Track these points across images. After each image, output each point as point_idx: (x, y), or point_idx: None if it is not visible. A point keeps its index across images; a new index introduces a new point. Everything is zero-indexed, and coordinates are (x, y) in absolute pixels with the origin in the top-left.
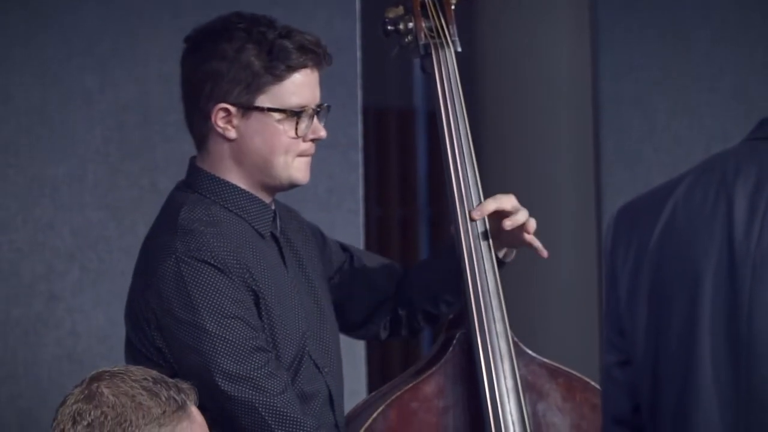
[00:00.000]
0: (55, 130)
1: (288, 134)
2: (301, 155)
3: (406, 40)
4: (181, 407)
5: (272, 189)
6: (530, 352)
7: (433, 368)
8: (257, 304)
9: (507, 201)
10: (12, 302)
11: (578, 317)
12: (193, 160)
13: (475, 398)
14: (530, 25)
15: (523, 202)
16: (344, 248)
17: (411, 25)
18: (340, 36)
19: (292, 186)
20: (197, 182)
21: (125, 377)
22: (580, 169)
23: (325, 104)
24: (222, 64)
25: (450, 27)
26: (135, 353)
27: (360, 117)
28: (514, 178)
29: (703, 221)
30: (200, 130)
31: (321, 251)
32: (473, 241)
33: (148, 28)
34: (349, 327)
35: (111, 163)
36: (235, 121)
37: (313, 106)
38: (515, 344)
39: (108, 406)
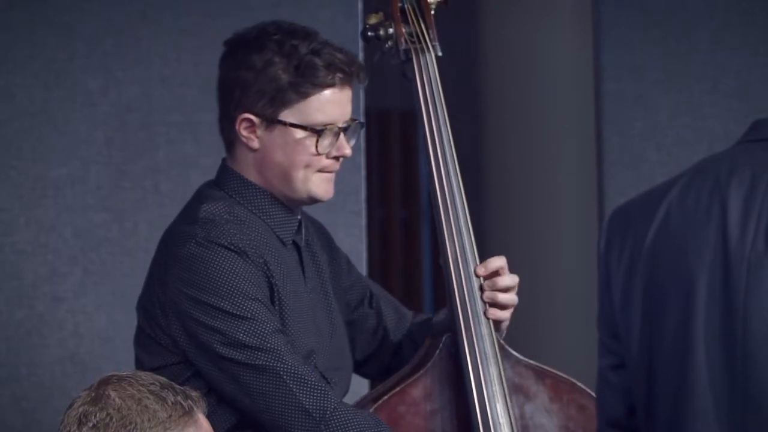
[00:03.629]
0: (58, 132)
1: (309, 150)
2: (321, 171)
3: (387, 45)
4: (188, 413)
5: (293, 201)
6: (516, 354)
7: (420, 372)
8: (271, 296)
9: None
10: (14, 304)
11: (580, 318)
12: (224, 160)
13: (462, 401)
14: (532, 25)
15: (525, 202)
16: (366, 286)
17: (391, 30)
18: (342, 37)
19: (313, 201)
20: (225, 181)
21: (133, 381)
22: (582, 168)
23: (357, 120)
24: (249, 74)
25: (430, 32)
26: (145, 340)
27: (362, 118)
28: (516, 179)
29: (697, 224)
30: (228, 134)
31: (342, 276)
32: (458, 245)
33: (151, 29)
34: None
35: (113, 164)
36: (259, 132)
37: (340, 124)
38: (501, 347)
39: (113, 409)
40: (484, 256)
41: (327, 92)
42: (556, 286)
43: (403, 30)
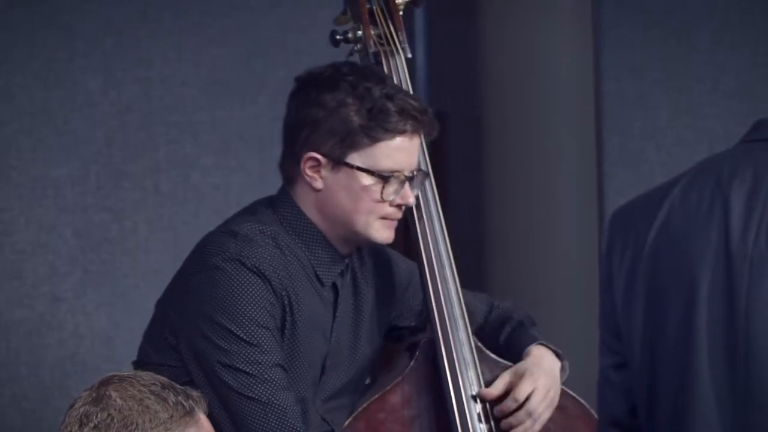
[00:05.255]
0: (58, 132)
1: (373, 196)
2: (384, 218)
3: (356, 48)
4: (189, 413)
5: (350, 242)
6: (494, 356)
7: (399, 378)
8: (282, 330)
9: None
10: (15, 303)
11: (580, 318)
12: (285, 185)
13: (441, 405)
14: (532, 25)
15: (525, 202)
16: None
17: (360, 33)
18: None
19: (372, 245)
20: (282, 207)
21: (134, 381)
22: (582, 169)
23: (422, 170)
24: (321, 112)
25: (399, 33)
26: (155, 336)
27: None
28: (516, 179)
29: (699, 223)
30: (290, 172)
31: (399, 297)
32: (433, 249)
33: (151, 29)
34: None
35: (113, 164)
36: (324, 172)
37: (406, 172)
38: (479, 350)
39: (115, 409)
40: (485, 256)
41: (397, 139)
42: (556, 285)
43: (372, 32)
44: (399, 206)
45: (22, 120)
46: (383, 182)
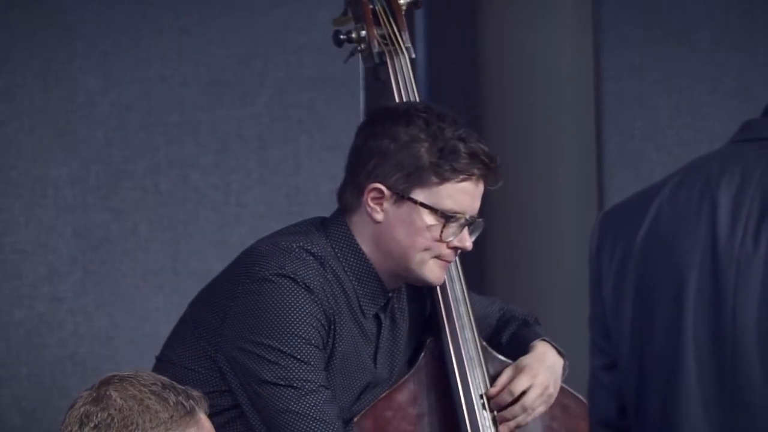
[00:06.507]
0: (58, 131)
1: (433, 235)
2: (438, 258)
3: (359, 48)
4: (190, 413)
5: (399, 278)
6: (500, 356)
7: (406, 376)
8: (324, 351)
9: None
10: (14, 303)
11: (579, 318)
12: (343, 212)
13: (447, 404)
14: (532, 25)
15: (525, 202)
16: None
17: (363, 33)
18: None
19: (422, 284)
20: (335, 233)
21: (134, 381)
22: (582, 169)
23: (480, 219)
24: (392, 145)
25: (402, 33)
26: (187, 335)
27: (362, 118)
28: (515, 179)
29: (688, 222)
30: (350, 200)
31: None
32: None
33: (150, 29)
34: None
35: (113, 164)
36: (386, 205)
37: (467, 216)
38: (484, 349)
39: (115, 409)
40: (485, 256)
41: (464, 181)
42: (556, 286)
43: (376, 32)
44: (455, 249)
45: (22, 120)
46: (444, 222)
